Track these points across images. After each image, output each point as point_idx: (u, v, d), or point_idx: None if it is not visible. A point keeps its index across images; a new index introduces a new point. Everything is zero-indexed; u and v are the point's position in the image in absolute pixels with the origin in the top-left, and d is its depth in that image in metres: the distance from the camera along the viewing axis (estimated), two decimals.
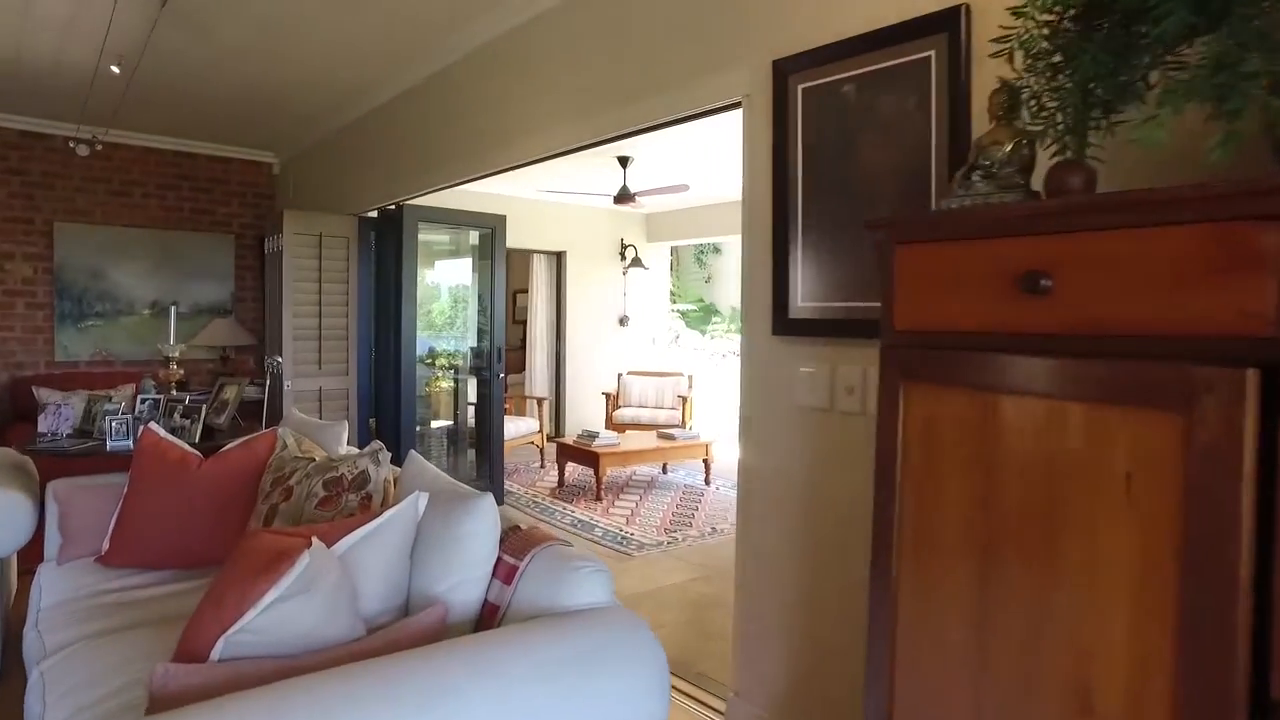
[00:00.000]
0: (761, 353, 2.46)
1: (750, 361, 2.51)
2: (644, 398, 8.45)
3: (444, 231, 6.08)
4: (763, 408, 2.47)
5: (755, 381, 2.50)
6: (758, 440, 2.51)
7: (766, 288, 2.42)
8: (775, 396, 2.41)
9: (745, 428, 2.56)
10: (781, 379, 2.38)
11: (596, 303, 9.17)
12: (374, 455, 2.35)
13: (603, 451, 6.12)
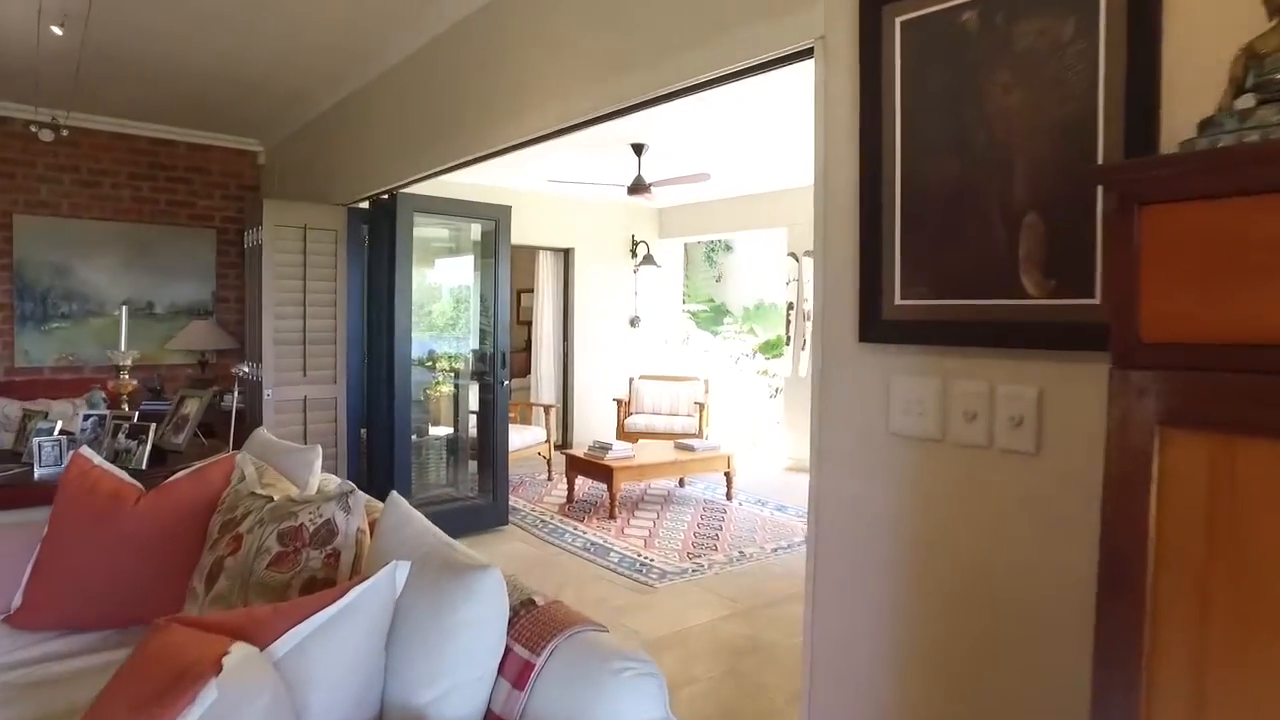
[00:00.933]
0: (843, 365, 1.93)
1: (827, 376, 1.98)
2: (658, 404, 7.92)
3: (443, 225, 5.56)
4: (846, 435, 1.94)
5: (834, 401, 1.97)
6: (836, 479, 1.98)
7: (849, 282, 1.89)
8: (862, 421, 1.88)
9: (820, 461, 2.03)
10: (871, 398, 1.85)
11: (606, 303, 8.64)
12: (343, 500, 1.81)
13: (617, 465, 5.59)
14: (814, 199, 2.06)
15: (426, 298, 5.84)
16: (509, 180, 7.55)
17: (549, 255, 8.49)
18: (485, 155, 3.58)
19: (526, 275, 9.07)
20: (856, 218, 1.87)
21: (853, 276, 1.88)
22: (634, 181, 6.11)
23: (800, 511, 5.92)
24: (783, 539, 5.22)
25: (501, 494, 5.29)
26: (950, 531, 1.69)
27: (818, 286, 2.02)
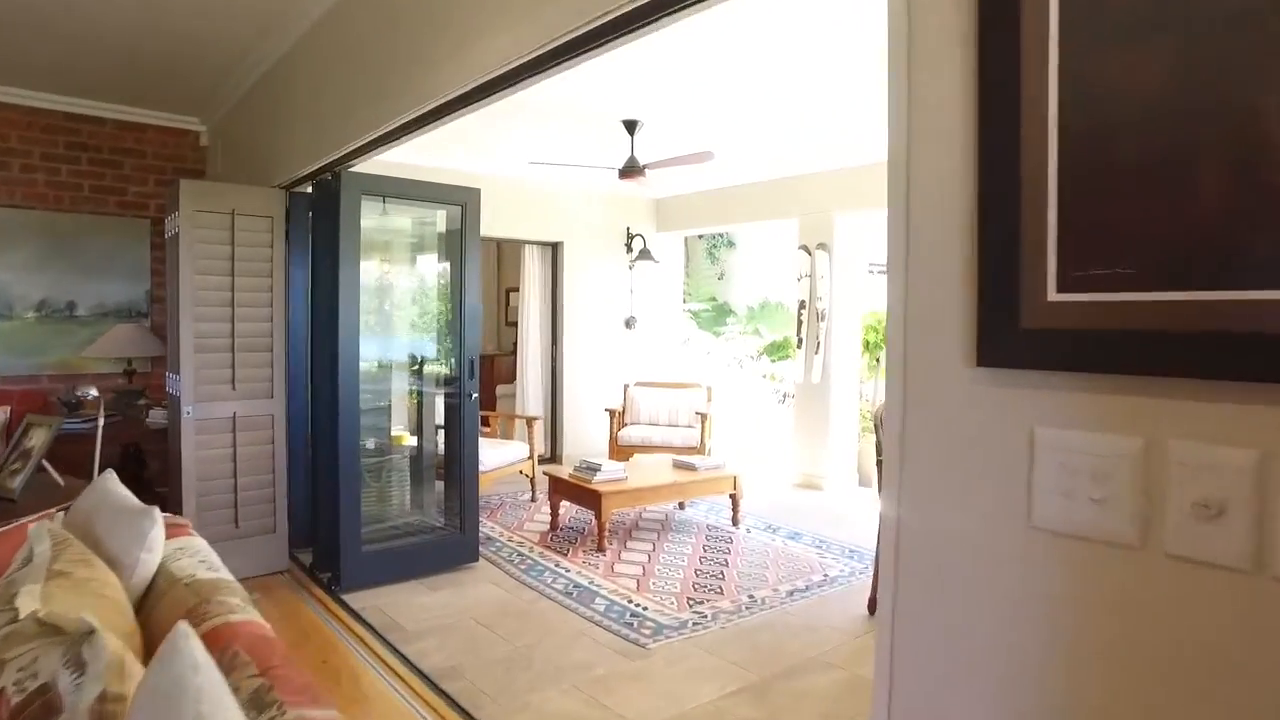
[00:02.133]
0: (941, 403, 1.17)
1: (913, 422, 1.22)
2: (655, 414, 7.17)
3: (403, 211, 4.80)
4: (944, 524, 1.17)
5: (922, 465, 1.20)
6: (926, 605, 1.21)
7: (954, 265, 1.14)
8: (978, 502, 1.12)
9: (899, 569, 1.26)
10: (994, 463, 1.09)
11: (599, 302, 7.89)
12: (76, 648, 1.05)
13: (606, 490, 4.84)
14: (890, 118, 1.31)
15: (384, 296, 5.08)
16: (487, 166, 6.80)
17: (536, 250, 7.74)
18: (430, 115, 2.83)
19: (516, 273, 8.33)
20: (970, 153, 1.11)
21: (961, 254, 1.12)
22: (626, 163, 5.36)
23: (816, 541, 5.17)
24: (798, 577, 4.46)
25: (471, 525, 4.54)
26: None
27: (897, 272, 1.26)
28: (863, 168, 6.35)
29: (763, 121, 5.26)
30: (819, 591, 4.24)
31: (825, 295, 6.69)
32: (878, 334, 7.39)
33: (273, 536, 4.20)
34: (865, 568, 4.62)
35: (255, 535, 4.15)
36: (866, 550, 4.92)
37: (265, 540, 4.18)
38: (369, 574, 4.12)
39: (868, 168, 6.30)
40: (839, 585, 4.35)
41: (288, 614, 3.70)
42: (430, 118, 2.84)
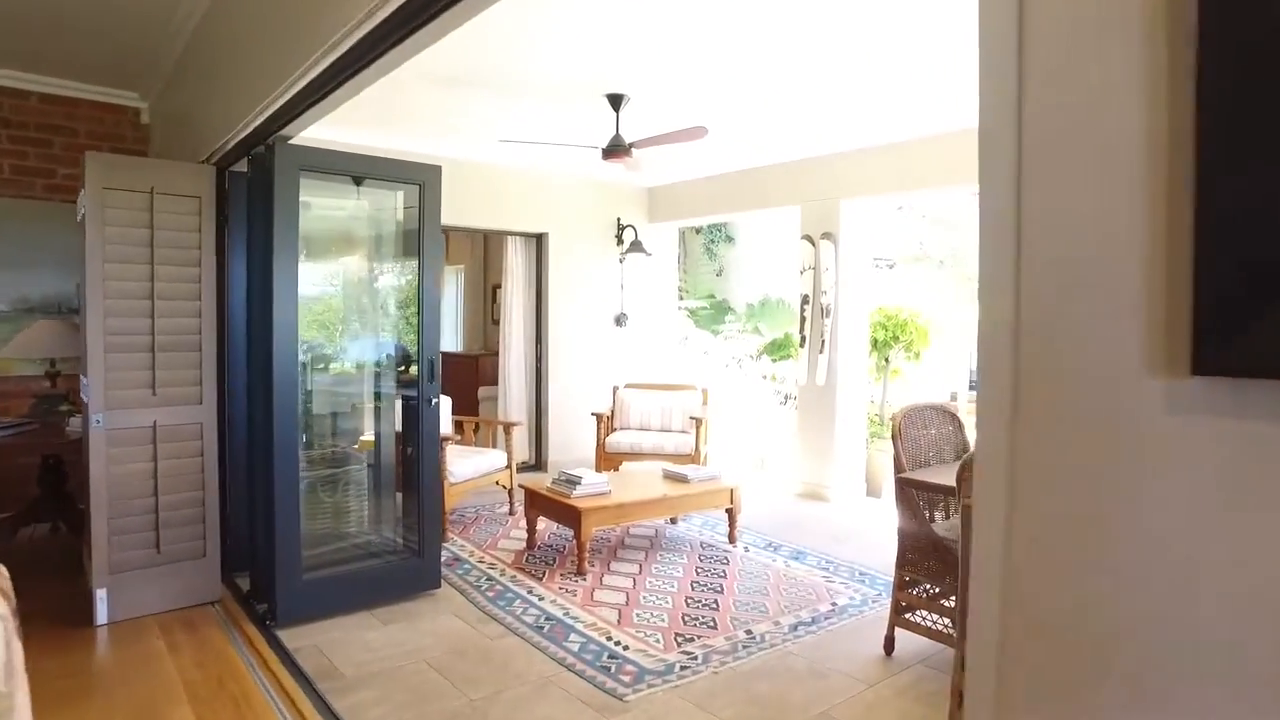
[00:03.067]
0: (1113, 428, 0.63)
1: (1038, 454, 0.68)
2: (646, 418, 6.64)
3: (357, 194, 4.26)
4: (1130, 606, 0.63)
5: (1066, 515, 0.66)
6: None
7: (1138, 199, 0.59)
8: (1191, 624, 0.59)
9: (1005, 660, 0.72)
10: (1225, 554, 0.56)
11: (587, 297, 7.36)
12: None
13: (586, 506, 4.31)
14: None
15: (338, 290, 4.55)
16: (463, 150, 6.27)
17: (519, 242, 7.21)
18: (351, 58, 2.29)
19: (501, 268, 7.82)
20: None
21: (1151, 174, 0.59)
22: (611, 141, 4.83)
23: (822, 561, 4.64)
24: (802, 606, 3.94)
25: (431, 547, 4.01)
26: None
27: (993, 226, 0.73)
28: (872, 149, 5.81)
29: (762, 97, 4.73)
30: (826, 625, 3.71)
31: (830, 289, 6.16)
32: (887, 331, 6.86)
33: (202, 562, 3.67)
34: (878, 595, 4.09)
35: (181, 561, 3.61)
36: (878, 573, 4.40)
37: (193, 567, 3.64)
38: (311, 605, 3.59)
39: (878, 149, 5.77)
40: (849, 616, 3.82)
41: (207, 658, 3.17)
42: (353, 63, 2.31)
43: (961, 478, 2.40)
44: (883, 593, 4.12)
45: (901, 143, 5.61)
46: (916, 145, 5.54)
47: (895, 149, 5.66)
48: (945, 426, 3.55)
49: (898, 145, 5.65)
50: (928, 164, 5.50)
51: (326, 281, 4.48)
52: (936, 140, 5.41)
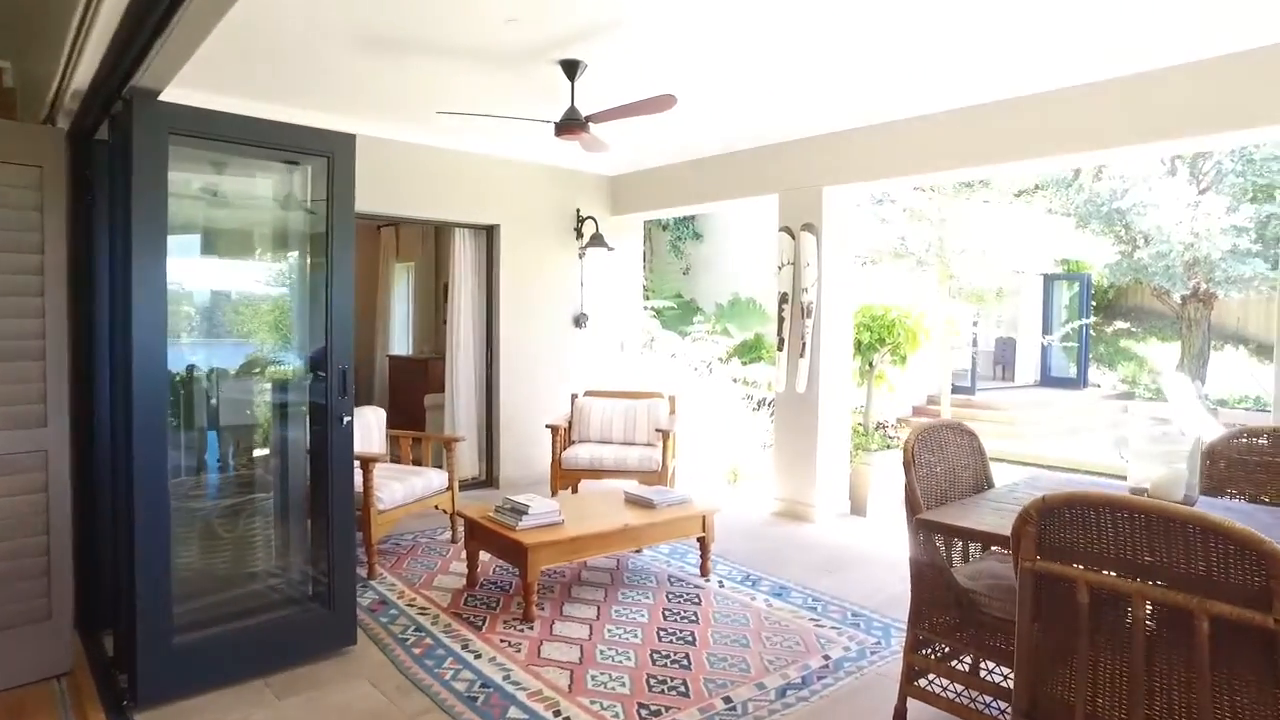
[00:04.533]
0: None
1: None
2: (608, 429, 5.99)
3: (256, 171, 3.55)
4: None
5: None
6: None
7: None
8: None
9: None
10: None
11: (542, 296, 6.70)
12: None
13: (534, 542, 3.64)
14: None
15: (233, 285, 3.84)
16: (405, 131, 5.58)
17: (468, 235, 6.52)
18: None
19: None
20: None
21: None
22: (565, 115, 4.17)
23: (808, 598, 4.04)
24: (790, 660, 3.31)
25: (344, 596, 3.31)
26: None
27: None
28: (859, 130, 5.23)
29: (738, 69, 4.11)
30: (820, 687, 3.09)
31: (812, 286, 5.55)
32: (871, 333, 6.29)
33: (45, 626, 2.93)
34: (876, 643, 3.49)
35: (19, 626, 2.88)
36: (872, 613, 3.80)
37: (33, 632, 2.91)
38: (186, 675, 2.88)
39: (865, 131, 5.19)
40: (846, 674, 3.21)
41: None
42: None
43: (1021, 531, 1.79)
44: (880, 640, 3.52)
45: (889, 123, 5.04)
46: (904, 126, 4.97)
47: (883, 130, 5.09)
48: (963, 449, 2.95)
49: (886, 126, 5.07)
50: (917, 147, 4.94)
51: (220, 275, 3.76)
52: (927, 121, 4.85)
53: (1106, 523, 1.67)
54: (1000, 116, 4.57)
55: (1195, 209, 13.57)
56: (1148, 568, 1.62)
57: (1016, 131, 4.53)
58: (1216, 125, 3.86)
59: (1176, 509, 1.58)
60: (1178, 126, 3.98)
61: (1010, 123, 4.54)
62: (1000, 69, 4.13)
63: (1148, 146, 4.25)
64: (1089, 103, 4.21)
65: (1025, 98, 4.46)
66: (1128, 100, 4.08)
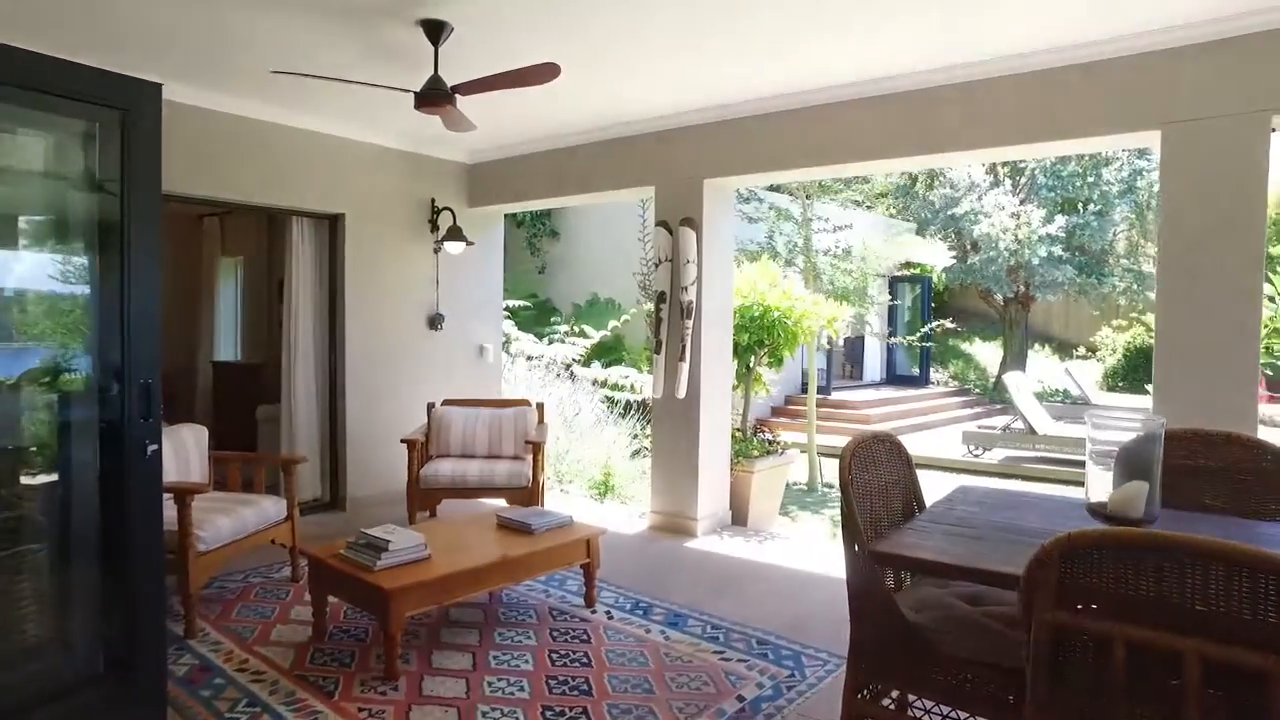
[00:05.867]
0: None
1: None
2: (471, 442, 5.41)
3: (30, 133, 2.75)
4: None
5: None
6: None
7: None
8: None
9: None
10: None
11: (393, 294, 6.01)
12: None
13: (397, 585, 3.05)
14: None
15: None
16: (223, 100, 4.77)
17: (307, 225, 5.73)
18: None
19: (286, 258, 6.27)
20: None
21: None
22: (428, 84, 3.60)
23: (707, 625, 3.69)
24: (700, 704, 2.93)
25: (149, 667, 2.61)
26: None
27: None
28: (742, 120, 4.95)
29: (621, 40, 3.70)
30: None
31: (692, 285, 5.23)
32: (750, 335, 6.06)
33: None
34: (791, 675, 3.17)
35: None
36: (779, 639, 3.50)
37: None
38: None
39: (748, 120, 4.92)
40: (766, 718, 2.86)
41: None
42: None
43: (1036, 577, 1.47)
44: (794, 672, 3.21)
45: (779, 112, 4.79)
46: (794, 116, 4.75)
47: (765, 122, 4.85)
48: (893, 463, 2.67)
49: (768, 117, 4.83)
50: (808, 139, 4.73)
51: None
52: (820, 111, 4.65)
53: (1148, 566, 1.38)
54: (869, 113, 4.48)
55: (1017, 219, 14.59)
56: (1200, 619, 1.34)
57: (887, 130, 4.45)
58: (1040, 135, 4.04)
59: (1240, 549, 1.30)
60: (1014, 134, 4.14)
61: (882, 121, 4.46)
62: (868, 63, 4.05)
63: (985, 151, 4.51)
64: (952, 104, 4.18)
65: (896, 95, 4.38)
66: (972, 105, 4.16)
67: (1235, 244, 3.53)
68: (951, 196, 15.33)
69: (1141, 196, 15.23)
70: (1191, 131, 3.63)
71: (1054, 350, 20.44)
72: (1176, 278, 3.69)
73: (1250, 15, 3.39)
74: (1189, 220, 3.64)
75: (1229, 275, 3.54)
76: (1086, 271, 15.43)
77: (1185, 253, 3.65)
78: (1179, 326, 3.68)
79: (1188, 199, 3.65)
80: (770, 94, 4.65)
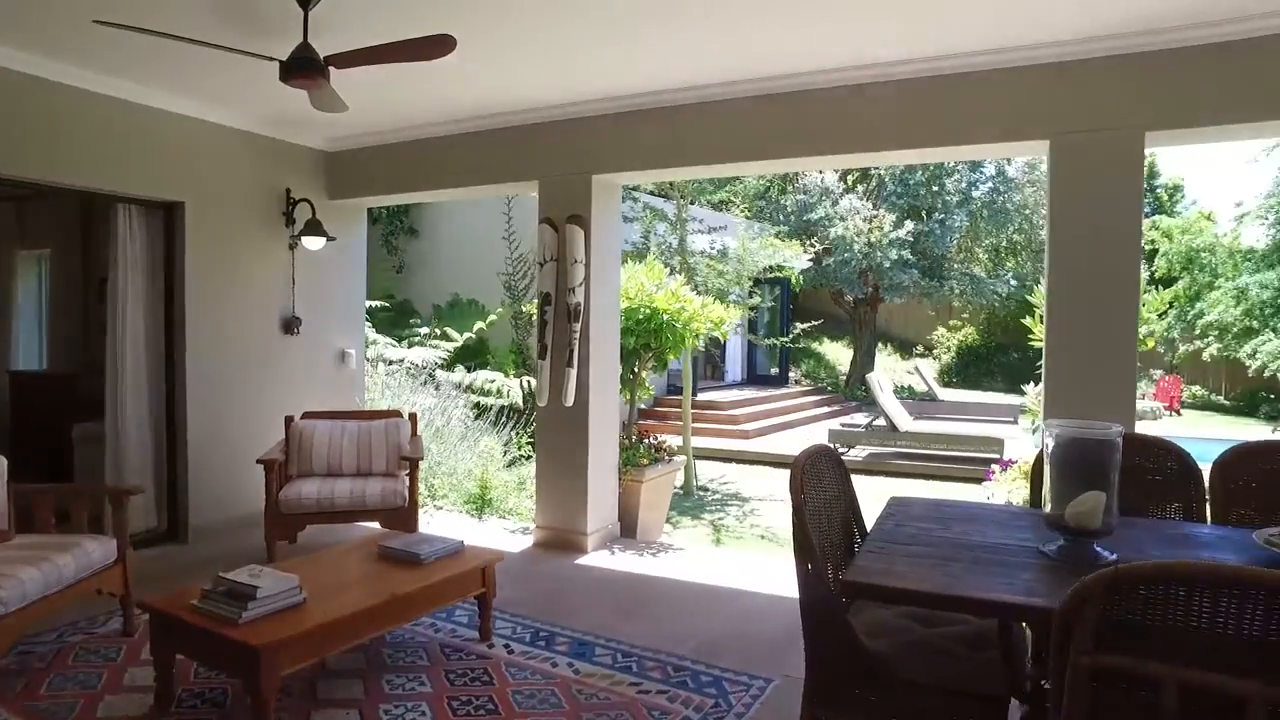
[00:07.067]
0: None
1: None
2: (337, 459, 4.88)
3: None
4: None
5: None
6: None
7: None
8: None
9: None
10: None
11: (243, 295, 5.35)
12: None
13: (269, 641, 2.57)
14: None
15: None
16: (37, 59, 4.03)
17: (137, 215, 4.96)
18: None
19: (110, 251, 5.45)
20: None
21: None
22: (297, 52, 3.12)
23: (617, 653, 3.43)
24: None
25: None
26: None
27: None
28: (634, 113, 4.72)
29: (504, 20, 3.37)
30: None
31: (579, 286, 4.94)
32: (637, 338, 5.84)
33: None
34: (716, 705, 2.96)
35: None
36: (696, 665, 3.29)
37: None
38: None
39: (639, 114, 4.69)
40: None
41: None
42: None
43: (1074, 615, 1.31)
44: (719, 701, 3.00)
45: (670, 108, 4.60)
46: (685, 113, 4.57)
47: (664, 115, 4.64)
48: (835, 478, 2.51)
49: (666, 111, 4.63)
50: (699, 137, 4.58)
51: None
52: (711, 109, 4.49)
53: (1203, 602, 1.24)
54: (762, 112, 4.40)
55: (870, 224, 15.27)
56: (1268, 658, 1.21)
57: (777, 130, 4.40)
58: (933, 141, 4.09)
59: None
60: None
61: (773, 121, 4.39)
62: (756, 62, 3.98)
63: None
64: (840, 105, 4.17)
65: (782, 95, 4.33)
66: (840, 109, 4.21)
67: (1115, 250, 3.67)
68: (806, 201, 15.85)
69: (975, 206, 16.36)
70: (1077, 143, 3.74)
71: (896, 349, 21.67)
72: (1063, 282, 3.79)
73: (1128, 37, 3.53)
74: (1074, 227, 3.75)
75: (1110, 280, 3.67)
76: (929, 275, 16.38)
77: (1071, 258, 3.76)
78: (1066, 327, 3.78)
79: (1072, 207, 3.75)
80: (659, 88, 4.46)
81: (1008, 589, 1.72)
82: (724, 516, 7.31)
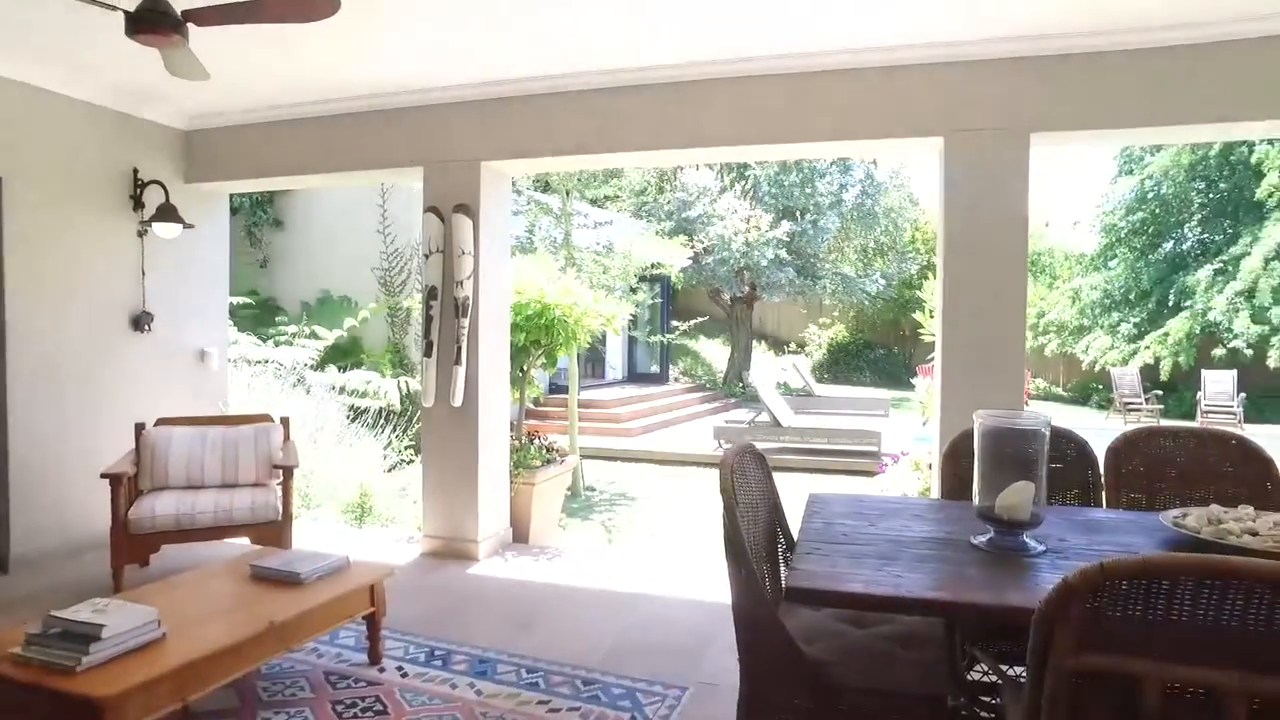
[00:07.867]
0: None
1: None
2: (198, 470, 4.39)
3: None
4: None
5: None
6: None
7: None
8: None
9: None
10: None
11: (83, 286, 4.74)
12: None
13: (119, 690, 2.19)
14: None
15: None
16: None
17: None
18: None
19: None
20: None
21: None
22: (146, 3, 2.71)
23: (522, 672, 3.21)
24: None
25: None
26: None
27: None
28: (524, 98, 4.49)
29: None
30: None
31: (468, 280, 4.67)
32: (527, 334, 5.60)
33: None
34: (631, 719, 2.80)
35: None
36: (605, 676, 3.12)
37: None
38: None
39: (534, 99, 4.47)
40: None
41: None
42: None
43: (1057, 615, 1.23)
44: (634, 714, 2.84)
45: (559, 94, 4.41)
46: (574, 100, 4.39)
47: (554, 102, 4.44)
48: (759, 477, 2.40)
49: (555, 97, 4.43)
50: (590, 126, 4.41)
51: None
52: (599, 97, 4.34)
53: (1184, 595, 1.19)
54: (648, 103, 4.31)
55: (748, 223, 15.54)
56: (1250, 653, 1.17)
57: (665, 121, 4.32)
58: (825, 136, 4.09)
59: None
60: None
61: (661, 111, 4.31)
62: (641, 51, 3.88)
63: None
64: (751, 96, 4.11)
65: (670, 85, 4.25)
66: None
67: (1003, 247, 3.78)
68: (684, 200, 15.97)
69: (846, 209, 16.98)
70: (968, 140, 3.82)
71: (770, 347, 22.26)
72: (955, 277, 3.87)
73: (1016, 40, 3.64)
74: (964, 224, 3.84)
75: (998, 275, 3.77)
76: (804, 274, 16.86)
77: (961, 254, 3.84)
78: (958, 320, 3.87)
79: (963, 204, 3.84)
80: (549, 73, 4.27)
81: (982, 589, 1.65)
82: (614, 516, 7.18)
